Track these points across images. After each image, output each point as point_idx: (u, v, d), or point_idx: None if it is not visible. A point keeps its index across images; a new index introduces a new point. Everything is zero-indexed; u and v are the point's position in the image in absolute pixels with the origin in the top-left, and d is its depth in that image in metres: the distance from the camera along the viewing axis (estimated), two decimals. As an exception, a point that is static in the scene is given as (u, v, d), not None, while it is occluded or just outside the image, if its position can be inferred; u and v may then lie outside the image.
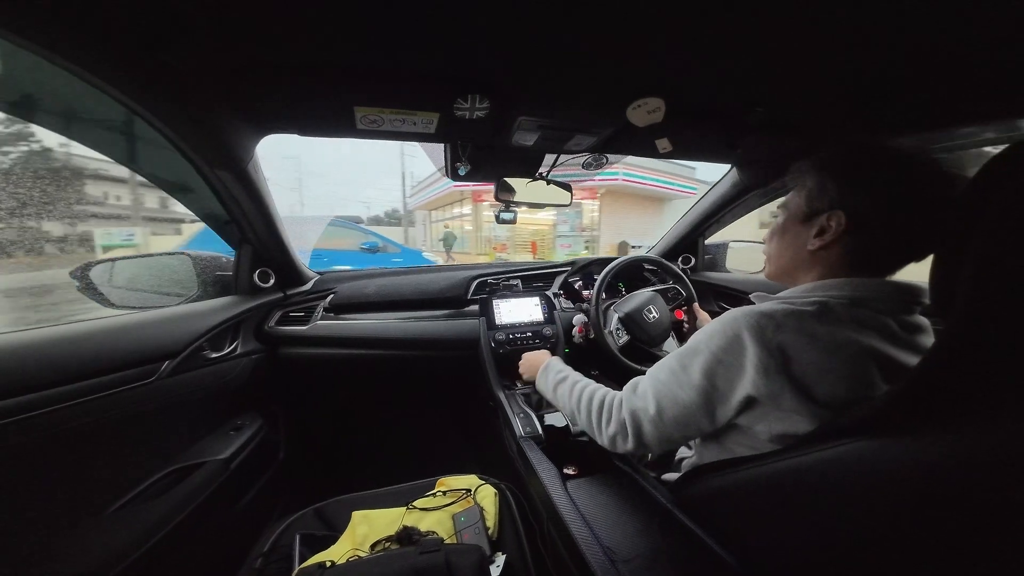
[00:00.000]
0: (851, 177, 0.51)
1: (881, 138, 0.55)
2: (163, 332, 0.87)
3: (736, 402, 0.51)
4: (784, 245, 0.60)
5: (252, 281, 1.17)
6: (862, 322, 0.48)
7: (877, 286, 0.51)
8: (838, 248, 0.53)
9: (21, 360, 0.64)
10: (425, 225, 17.73)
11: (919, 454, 0.34)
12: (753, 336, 0.49)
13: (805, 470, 0.43)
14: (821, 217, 0.53)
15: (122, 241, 7.56)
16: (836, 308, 0.49)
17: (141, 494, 0.81)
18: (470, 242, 13.84)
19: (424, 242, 17.00)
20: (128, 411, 0.78)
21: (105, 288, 1.00)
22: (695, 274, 1.63)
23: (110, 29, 0.52)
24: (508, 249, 12.50)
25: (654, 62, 0.66)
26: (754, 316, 0.50)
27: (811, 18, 0.54)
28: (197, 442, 0.98)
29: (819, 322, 0.48)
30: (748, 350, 0.49)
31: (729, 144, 0.99)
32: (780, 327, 0.48)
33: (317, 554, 0.68)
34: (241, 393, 1.10)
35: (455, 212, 14.99)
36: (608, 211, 11.55)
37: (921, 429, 0.35)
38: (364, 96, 0.73)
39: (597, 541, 0.59)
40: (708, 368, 0.52)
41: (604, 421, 0.64)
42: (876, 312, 0.50)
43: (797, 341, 0.47)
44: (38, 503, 0.66)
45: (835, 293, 0.51)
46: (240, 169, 0.87)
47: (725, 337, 0.51)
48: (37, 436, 0.64)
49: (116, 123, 0.69)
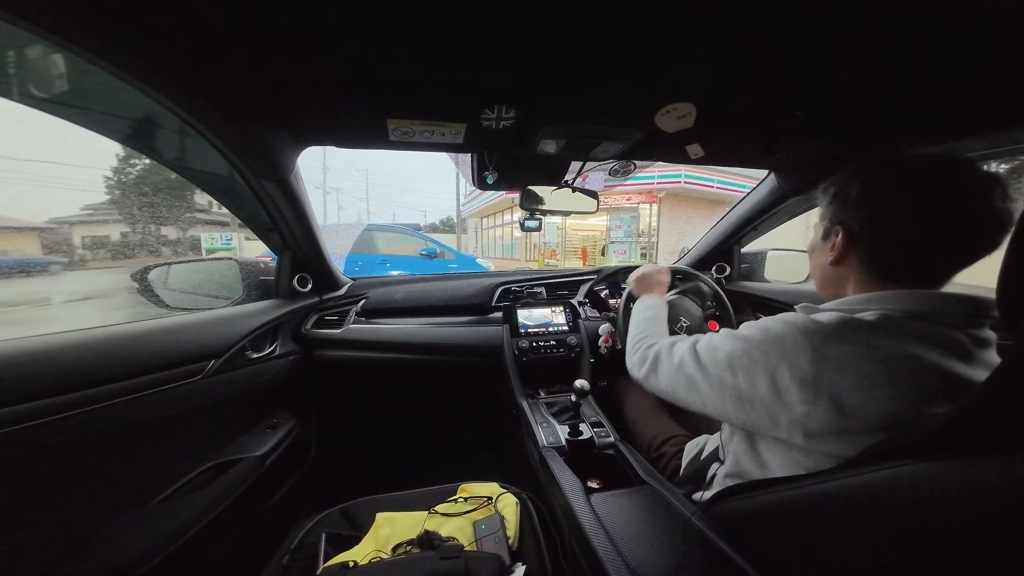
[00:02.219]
0: (839, 193, 0.54)
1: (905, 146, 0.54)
2: (210, 333, 0.93)
3: (759, 405, 0.49)
4: (814, 263, 0.63)
5: (292, 286, 1.24)
6: (925, 336, 0.45)
7: (940, 298, 0.48)
8: (850, 261, 0.54)
9: (87, 357, 0.69)
10: (477, 232, 18.37)
11: (986, 478, 0.31)
12: (799, 343, 0.46)
13: (851, 492, 0.40)
14: (832, 234, 0.56)
15: (222, 244, 8.68)
16: (898, 320, 0.46)
17: (183, 487, 0.85)
18: (519, 248, 14.40)
19: (476, 248, 17.51)
20: (176, 407, 0.83)
21: (161, 290, 1.08)
22: (730, 284, 1.56)
23: (163, 43, 0.57)
24: (557, 255, 12.53)
25: (684, 67, 0.65)
26: (802, 322, 0.48)
27: (850, 16, 0.51)
28: (235, 439, 1.03)
29: (879, 333, 0.45)
30: (790, 357, 0.46)
31: (765, 149, 0.95)
32: (830, 337, 0.46)
33: (341, 554, 0.69)
34: (277, 393, 1.16)
35: (505, 219, 15.34)
36: (669, 215, 11.14)
37: (989, 451, 0.32)
38: (396, 109, 0.76)
39: (621, 558, 0.56)
40: (734, 356, 0.52)
41: (635, 349, 0.76)
42: (941, 326, 0.46)
43: (853, 352, 0.44)
44: (88, 494, 0.70)
45: (894, 306, 0.48)
46: (283, 179, 0.93)
47: (766, 334, 0.50)
48: (96, 429, 0.68)
49: (173, 135, 0.76)
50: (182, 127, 0.70)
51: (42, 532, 0.64)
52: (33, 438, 0.60)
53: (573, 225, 12.55)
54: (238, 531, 0.92)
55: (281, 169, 0.90)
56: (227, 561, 0.90)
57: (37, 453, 0.61)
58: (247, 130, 0.78)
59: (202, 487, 0.87)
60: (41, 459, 0.62)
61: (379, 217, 24.63)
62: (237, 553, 0.93)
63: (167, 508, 0.81)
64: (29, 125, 22.09)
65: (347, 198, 29.47)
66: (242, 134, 0.78)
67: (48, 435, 0.62)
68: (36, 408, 0.60)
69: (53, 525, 0.65)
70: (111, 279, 7.10)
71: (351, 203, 31.28)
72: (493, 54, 0.61)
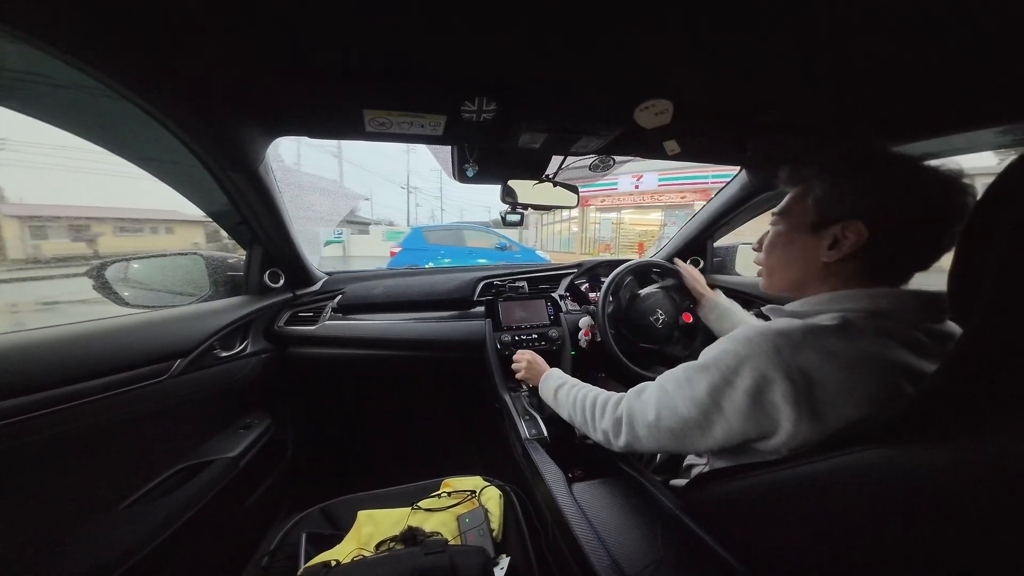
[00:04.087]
0: (874, 185, 0.48)
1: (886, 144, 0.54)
2: (175, 331, 0.89)
3: (739, 427, 0.49)
4: (791, 257, 0.57)
5: (262, 281, 1.19)
6: (884, 333, 0.46)
7: (897, 296, 0.49)
8: (855, 259, 0.50)
9: (35, 357, 0.65)
10: (537, 227, 18.77)
11: (940, 461, 0.34)
12: (769, 359, 0.46)
13: (819, 476, 0.42)
14: (834, 227, 0.50)
15: (335, 237, 9.78)
16: (857, 322, 0.47)
17: (152, 491, 0.82)
18: (575, 243, 14.84)
19: (535, 242, 17.82)
20: (140, 409, 0.79)
21: (120, 287, 1.01)
22: (704, 276, 1.62)
23: (124, 31, 0.53)
24: (612, 249, 12.74)
25: (662, 64, 0.66)
26: (769, 336, 0.47)
27: (825, 16, 0.53)
28: (207, 440, 0.99)
29: (840, 337, 0.45)
30: (763, 375, 0.46)
31: (738, 146, 0.98)
32: (798, 347, 0.45)
33: (322, 553, 0.68)
34: (250, 392, 1.12)
35: (564, 215, 15.59)
36: (720, 212, 11.62)
37: (942, 435, 0.34)
38: (372, 99, 0.74)
39: (603, 545, 0.58)
40: (715, 387, 0.50)
41: (598, 416, 0.67)
42: (899, 323, 0.47)
43: (818, 360, 0.44)
44: (51, 499, 0.67)
45: (852, 306, 0.49)
46: (251, 171, 0.88)
47: (738, 358, 0.49)
48: (50, 433, 0.65)
49: (130, 125, 0.71)
50: (142, 117, 0.65)
51: (6, 538, 0.60)
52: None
53: (632, 219, 13.02)
54: (214, 534, 0.89)
55: (250, 161, 0.86)
56: (204, 564, 0.88)
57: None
58: (213, 120, 0.73)
59: (173, 490, 0.84)
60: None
61: (449, 213, 28.32)
62: (214, 556, 0.90)
63: (137, 512, 0.77)
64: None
65: (423, 196, 32.43)
66: (208, 125, 0.74)
67: (3, 440, 0.58)
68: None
69: (17, 531, 0.62)
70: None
71: (426, 200, 34.11)
72: (472, 48, 0.60)
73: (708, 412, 0.51)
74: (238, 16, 0.52)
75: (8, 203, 17.21)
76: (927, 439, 0.35)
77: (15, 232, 12.05)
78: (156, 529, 0.76)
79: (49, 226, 13.31)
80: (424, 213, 34.01)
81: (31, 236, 12.47)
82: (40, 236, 12.83)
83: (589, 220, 14.55)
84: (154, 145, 0.78)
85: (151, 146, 0.79)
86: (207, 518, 0.86)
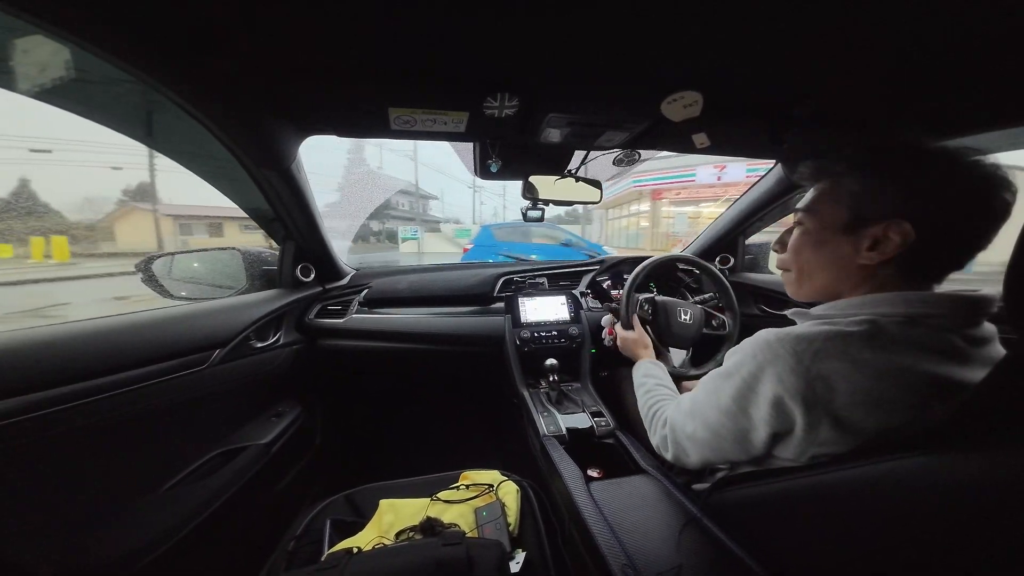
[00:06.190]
0: (921, 182, 0.45)
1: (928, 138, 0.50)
2: (215, 322, 0.94)
3: (767, 435, 0.48)
4: (823, 260, 0.53)
5: (294, 275, 1.24)
6: (918, 343, 0.43)
7: (936, 301, 0.45)
8: (893, 261, 0.47)
9: (91, 346, 0.70)
10: (601, 222, 18.89)
11: (987, 470, 0.31)
12: (787, 365, 0.44)
13: (849, 483, 0.40)
14: (875, 227, 0.46)
15: (411, 235, 10.82)
16: (889, 328, 0.44)
17: (192, 474, 0.87)
18: (645, 238, 14.50)
19: (600, 238, 17.83)
20: (182, 396, 0.84)
21: (165, 280, 1.09)
22: (734, 275, 1.55)
23: (163, 34, 0.57)
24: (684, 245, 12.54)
25: (691, 55, 0.63)
26: (788, 341, 0.45)
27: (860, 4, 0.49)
28: (241, 427, 1.05)
29: (868, 346, 0.43)
30: (781, 382, 0.45)
31: (773, 139, 0.93)
32: (819, 353, 0.43)
33: (345, 539, 0.71)
34: (282, 381, 1.17)
35: (632, 210, 15.48)
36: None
37: (990, 443, 0.32)
38: (397, 97, 0.75)
39: (620, 545, 0.57)
40: (739, 395, 0.49)
41: (651, 431, 0.71)
42: (935, 330, 0.44)
43: (841, 369, 0.42)
44: (102, 480, 0.72)
45: (886, 310, 0.46)
46: (284, 169, 0.92)
47: (757, 365, 0.47)
48: (103, 419, 0.69)
49: (171, 123, 0.75)
50: (181, 115, 0.70)
51: (57, 517, 0.65)
52: (42, 427, 0.61)
53: (711, 213, 12.84)
54: (246, 517, 0.94)
55: (283, 159, 0.90)
56: (236, 546, 0.93)
57: (48, 441, 0.62)
58: (249, 119, 0.77)
59: (210, 474, 0.89)
60: (52, 447, 0.63)
61: (511, 210, 29.84)
62: (245, 538, 0.95)
63: (176, 495, 0.83)
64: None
65: (487, 194, 33.56)
66: (244, 123, 0.77)
67: (57, 424, 0.63)
68: (44, 398, 0.61)
69: (67, 511, 0.67)
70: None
71: (489, 199, 35.34)
72: (496, 43, 0.60)
73: (738, 420, 0.50)
74: (267, 17, 0.54)
75: (164, 204, 19.76)
76: (974, 447, 0.33)
77: (170, 229, 15.12)
78: (194, 511, 0.81)
79: (193, 223, 15.83)
80: (488, 211, 34.96)
81: (180, 232, 15.49)
82: (187, 232, 15.59)
83: (661, 214, 13.79)
84: (194, 144, 0.83)
85: (191, 145, 0.84)
86: (240, 502, 0.90)
